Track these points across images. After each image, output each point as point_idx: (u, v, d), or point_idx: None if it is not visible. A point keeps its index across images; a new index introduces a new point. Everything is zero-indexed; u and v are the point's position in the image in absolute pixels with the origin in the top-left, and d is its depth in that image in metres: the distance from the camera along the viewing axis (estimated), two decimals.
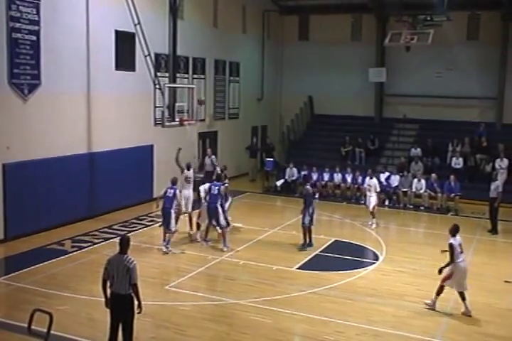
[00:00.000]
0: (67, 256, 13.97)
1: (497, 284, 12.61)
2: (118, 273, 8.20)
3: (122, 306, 8.28)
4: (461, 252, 11.07)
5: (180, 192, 15.31)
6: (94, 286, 11.79)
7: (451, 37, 25.02)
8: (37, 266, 13.02)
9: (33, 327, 7.13)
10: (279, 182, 22.58)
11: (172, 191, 14.56)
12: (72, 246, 14.73)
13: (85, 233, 15.90)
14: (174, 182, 14.85)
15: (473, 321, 10.55)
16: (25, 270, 12.72)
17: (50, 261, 13.38)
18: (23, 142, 15.22)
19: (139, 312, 8.35)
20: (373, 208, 17.80)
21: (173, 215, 14.52)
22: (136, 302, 8.31)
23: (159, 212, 17.73)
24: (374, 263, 14.03)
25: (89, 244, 14.98)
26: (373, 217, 17.82)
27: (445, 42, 24.76)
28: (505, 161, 21.72)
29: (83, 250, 14.46)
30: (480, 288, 12.31)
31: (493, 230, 17.27)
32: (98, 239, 15.47)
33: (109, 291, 8.35)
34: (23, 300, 10.93)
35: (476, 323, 10.46)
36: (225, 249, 14.62)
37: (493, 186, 17.37)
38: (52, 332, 7.12)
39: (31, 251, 14.19)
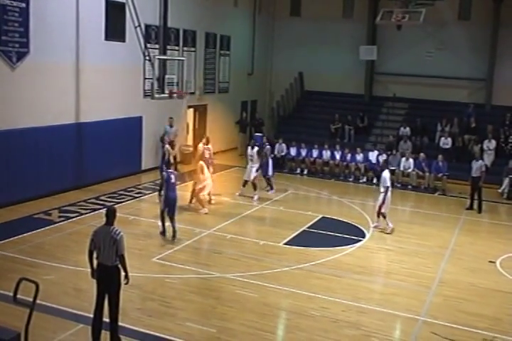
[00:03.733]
0: (54, 226, 13.90)
1: (481, 264, 12.73)
2: (104, 245, 8.15)
3: (109, 277, 8.25)
4: None
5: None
6: (80, 256, 11.78)
7: (442, 16, 24.96)
8: (23, 235, 12.97)
9: (18, 296, 7.09)
10: None
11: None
12: (60, 216, 14.66)
13: (73, 203, 15.83)
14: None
15: (457, 300, 10.65)
16: (11, 239, 12.66)
17: (36, 231, 13.34)
18: (10, 110, 15.06)
19: (126, 283, 8.34)
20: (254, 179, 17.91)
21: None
22: (123, 274, 8.29)
23: (147, 185, 17.75)
24: (361, 240, 14.08)
25: (77, 214, 14.92)
26: (255, 189, 17.82)
27: (437, 22, 24.70)
28: (493, 142, 21.85)
29: (70, 220, 14.40)
30: (464, 267, 12.50)
31: (478, 209, 17.39)
32: (85, 209, 15.40)
33: (95, 262, 8.33)
34: (9, 269, 10.90)
35: (460, 302, 10.56)
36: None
37: (476, 165, 17.46)
38: (37, 301, 7.08)
39: (18, 220, 14.13)
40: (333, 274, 11.68)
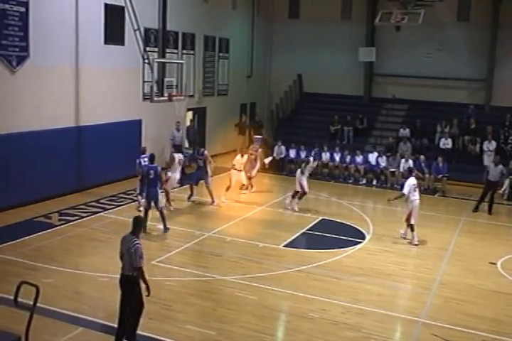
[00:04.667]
0: (54, 229, 13.91)
1: (482, 265, 12.71)
2: (124, 253, 8.19)
3: (125, 286, 8.25)
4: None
5: None
6: (80, 260, 11.89)
7: (441, 18, 24.99)
8: (24, 238, 12.98)
9: (19, 299, 7.11)
10: (267, 160, 22.52)
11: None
12: (60, 220, 14.66)
13: (72, 207, 15.84)
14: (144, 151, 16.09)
15: (457, 302, 10.65)
16: (12, 242, 12.67)
17: (37, 234, 13.34)
18: (11, 114, 15.07)
19: (147, 295, 8.24)
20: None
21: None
22: (143, 285, 8.22)
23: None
24: (360, 242, 14.08)
25: (77, 217, 14.92)
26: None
27: (436, 23, 24.71)
28: (494, 143, 21.81)
29: (70, 223, 14.40)
30: (465, 269, 12.49)
31: (489, 211, 17.48)
32: (85, 212, 15.40)
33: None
34: (9, 273, 10.89)
35: (460, 304, 10.55)
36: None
37: (496, 171, 17.38)
38: (37, 304, 7.10)
39: (18, 224, 14.13)
40: (332, 276, 11.68)
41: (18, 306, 7.15)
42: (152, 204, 13.96)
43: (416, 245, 13.95)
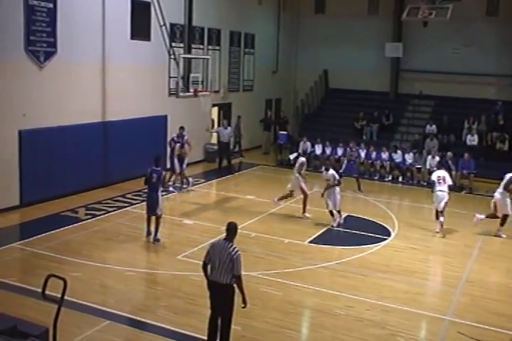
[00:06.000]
0: (80, 223, 14.06)
1: (511, 264, 12.55)
2: (220, 261, 7.77)
3: (220, 296, 7.98)
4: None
5: None
6: (106, 254, 12.00)
7: (470, 12, 24.65)
8: (51, 232, 13.12)
9: (46, 292, 7.17)
10: (292, 156, 22.50)
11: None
12: (86, 214, 14.80)
13: (99, 201, 15.98)
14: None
15: (485, 300, 10.51)
16: (39, 236, 12.83)
17: (64, 228, 13.48)
18: (38, 109, 15.23)
19: (243, 307, 8.04)
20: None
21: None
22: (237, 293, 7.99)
23: (171, 183, 17.83)
24: (386, 239, 13.98)
25: (103, 212, 15.04)
26: (340, 215, 15.18)
27: (464, 18, 24.34)
28: None
29: (96, 218, 14.53)
30: (492, 267, 12.36)
31: None
32: (111, 207, 15.53)
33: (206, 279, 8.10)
34: (37, 266, 11.05)
35: (488, 302, 10.42)
36: None
37: None
38: (65, 297, 7.14)
39: (46, 218, 14.31)
40: (358, 273, 11.62)
41: (46, 299, 7.20)
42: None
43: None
